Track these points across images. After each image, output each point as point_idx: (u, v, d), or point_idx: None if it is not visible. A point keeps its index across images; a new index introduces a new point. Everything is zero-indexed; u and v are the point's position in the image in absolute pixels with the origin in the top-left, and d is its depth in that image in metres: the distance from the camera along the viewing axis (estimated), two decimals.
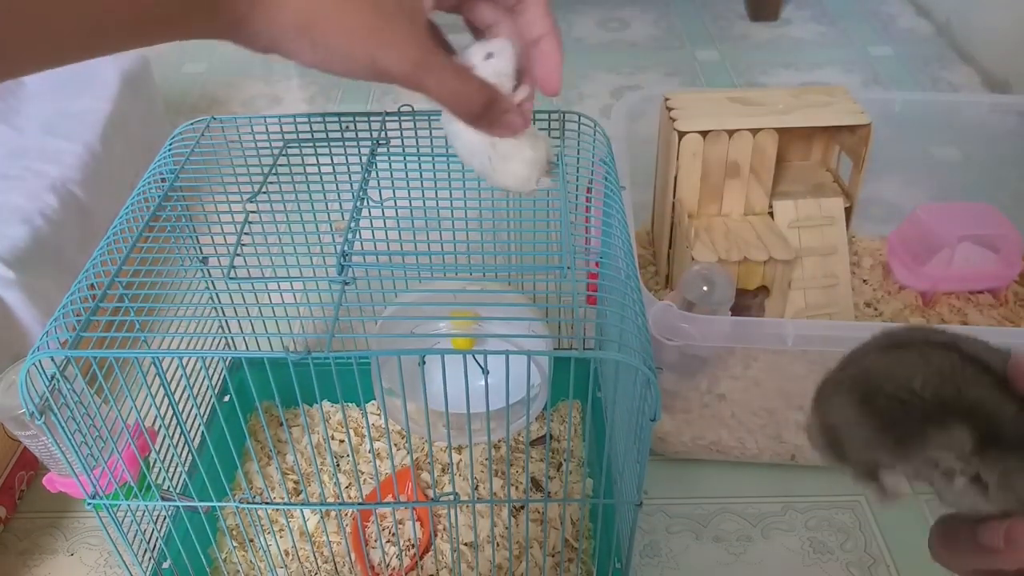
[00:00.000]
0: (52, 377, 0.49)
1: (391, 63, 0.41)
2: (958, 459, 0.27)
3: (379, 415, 0.81)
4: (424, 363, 0.70)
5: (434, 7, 0.43)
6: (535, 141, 0.50)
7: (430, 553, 0.71)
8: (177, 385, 0.55)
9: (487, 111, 0.46)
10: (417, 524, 0.72)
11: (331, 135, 0.63)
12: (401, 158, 0.62)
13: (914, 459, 0.27)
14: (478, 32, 0.48)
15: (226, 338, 0.75)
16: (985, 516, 0.28)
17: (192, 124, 0.63)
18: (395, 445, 0.80)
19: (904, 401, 0.27)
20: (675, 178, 0.85)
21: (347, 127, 0.63)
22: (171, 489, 0.61)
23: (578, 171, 0.62)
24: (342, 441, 0.80)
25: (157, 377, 0.51)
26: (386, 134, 0.62)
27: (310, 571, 0.70)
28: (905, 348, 0.28)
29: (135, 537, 0.59)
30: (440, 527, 0.73)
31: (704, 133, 0.82)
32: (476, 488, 0.75)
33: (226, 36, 0.39)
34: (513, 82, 0.48)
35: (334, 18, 0.39)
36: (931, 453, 0.27)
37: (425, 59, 0.42)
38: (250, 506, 0.60)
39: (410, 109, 0.63)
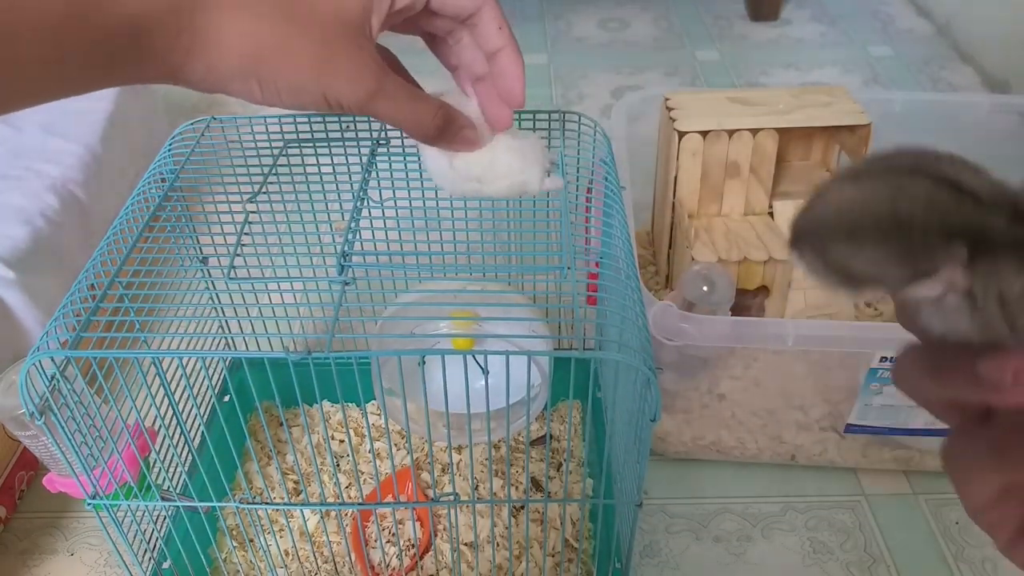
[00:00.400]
0: (52, 377, 0.49)
1: (343, 94, 0.40)
2: (953, 273, 0.26)
3: (379, 415, 0.81)
4: (424, 363, 0.71)
5: (381, 29, 0.42)
6: (519, 148, 0.49)
7: (430, 553, 0.71)
8: (177, 385, 0.55)
9: (444, 130, 0.45)
10: (417, 524, 0.72)
11: (331, 135, 0.63)
12: (401, 158, 0.62)
13: (906, 276, 0.26)
14: (436, 41, 0.47)
15: (226, 338, 0.75)
16: (969, 344, 0.27)
17: (192, 124, 0.63)
18: (395, 445, 0.80)
19: (893, 231, 0.26)
20: (675, 178, 0.85)
21: (347, 127, 0.64)
22: (171, 489, 0.61)
23: (578, 171, 0.62)
24: (342, 441, 0.80)
25: (157, 377, 0.51)
26: (386, 134, 0.62)
27: (310, 571, 0.70)
28: (873, 178, 0.27)
29: (135, 537, 0.59)
30: (440, 527, 0.73)
31: (704, 133, 0.82)
32: (476, 488, 0.75)
33: (165, 82, 0.39)
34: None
35: (280, 56, 0.38)
36: (924, 266, 0.26)
37: (378, 86, 0.41)
38: (250, 506, 0.60)
39: None
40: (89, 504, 0.56)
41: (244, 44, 0.38)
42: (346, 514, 0.73)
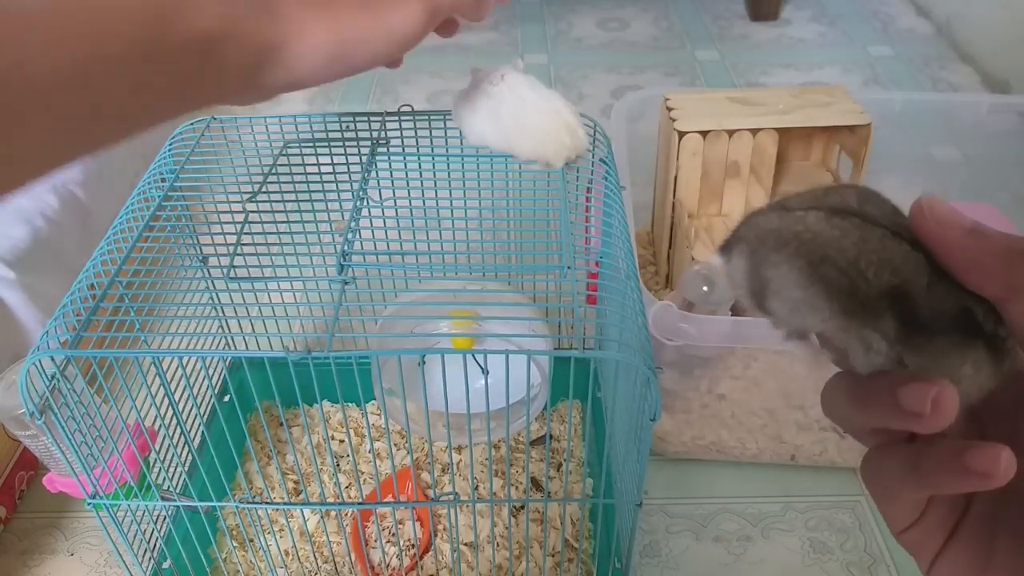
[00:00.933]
0: (52, 377, 0.49)
1: (409, 36, 0.43)
2: (886, 343, 0.27)
3: (379, 415, 0.81)
4: (424, 363, 0.71)
5: None
6: (552, 108, 0.53)
7: (430, 553, 0.71)
8: (177, 385, 0.55)
9: None
10: (417, 524, 0.72)
11: (331, 135, 0.63)
12: (401, 158, 0.62)
13: (846, 333, 0.27)
14: None
15: (226, 338, 0.75)
16: (888, 372, 0.28)
17: (192, 124, 0.63)
18: (395, 445, 0.80)
19: (852, 280, 0.26)
20: (675, 178, 0.85)
21: (347, 127, 0.64)
22: (171, 489, 0.61)
23: (578, 171, 0.62)
24: (342, 441, 0.80)
25: (157, 377, 0.51)
26: (386, 134, 0.62)
27: (310, 571, 0.70)
28: (840, 216, 0.27)
29: (135, 537, 0.59)
30: (440, 527, 0.73)
31: (704, 133, 0.82)
32: (476, 488, 0.75)
33: (236, 95, 0.40)
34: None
35: (357, 36, 0.41)
36: (864, 333, 0.27)
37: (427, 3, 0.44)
38: (250, 506, 0.60)
39: (410, 109, 0.63)
40: (89, 504, 0.56)
41: (328, 45, 0.40)
42: (346, 514, 0.73)
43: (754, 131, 0.82)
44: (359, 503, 0.62)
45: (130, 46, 0.33)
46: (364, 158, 0.60)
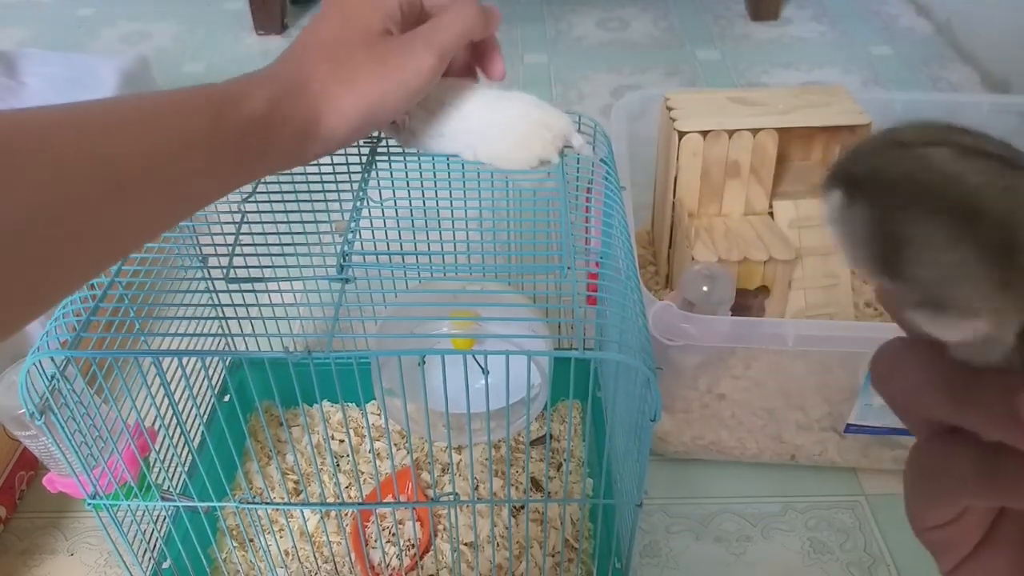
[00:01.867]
0: (52, 377, 0.49)
1: (422, 85, 0.48)
2: None
3: (379, 415, 0.81)
4: (424, 363, 0.71)
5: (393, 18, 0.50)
6: (517, 115, 0.54)
7: (430, 553, 0.71)
8: (177, 385, 0.55)
9: (488, 12, 0.52)
10: (417, 524, 0.72)
11: None
12: (401, 158, 0.62)
13: (997, 313, 0.21)
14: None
15: (226, 338, 0.75)
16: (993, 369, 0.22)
17: None
18: (395, 445, 0.80)
19: (1013, 240, 0.20)
20: (675, 178, 0.85)
21: None
22: (171, 489, 0.61)
23: (578, 171, 0.62)
24: (342, 441, 0.80)
25: (157, 377, 0.51)
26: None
27: (310, 571, 0.70)
28: (976, 156, 0.22)
29: (135, 537, 0.59)
30: (440, 527, 0.73)
31: (704, 133, 0.82)
32: (476, 488, 0.75)
33: (287, 165, 0.48)
34: None
35: (380, 102, 0.47)
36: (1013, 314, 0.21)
37: (429, 45, 0.48)
38: (250, 506, 0.60)
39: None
40: (89, 504, 0.56)
41: (357, 110, 0.46)
42: (346, 514, 0.73)
43: (754, 131, 0.82)
44: (359, 503, 0.62)
45: (197, 134, 0.40)
46: (364, 158, 0.60)
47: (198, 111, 0.41)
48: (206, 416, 0.71)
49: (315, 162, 0.64)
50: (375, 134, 0.62)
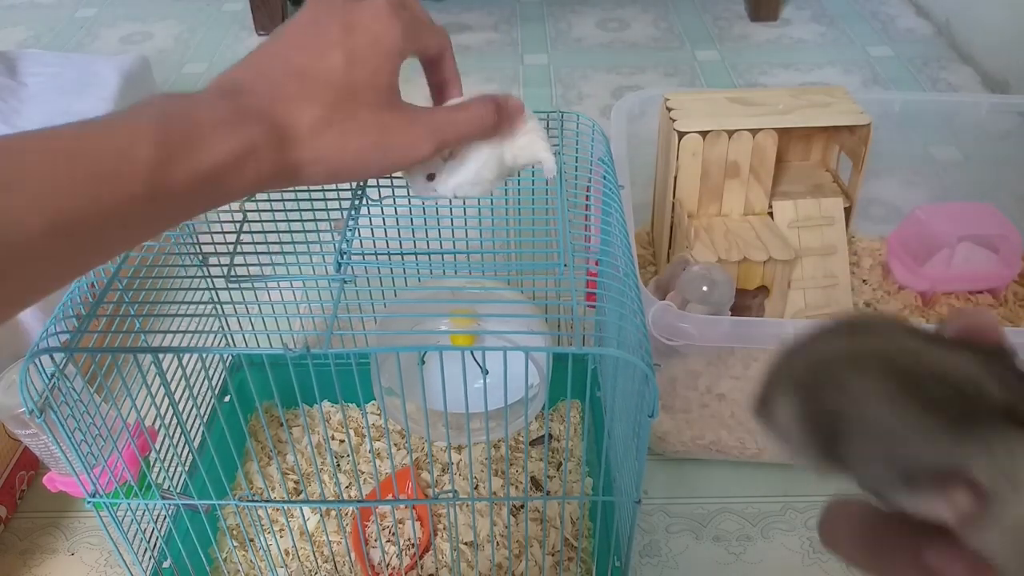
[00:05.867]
0: (52, 376, 0.49)
1: (417, 156, 0.45)
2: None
3: (379, 415, 0.81)
4: (423, 362, 0.71)
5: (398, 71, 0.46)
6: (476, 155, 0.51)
7: (430, 552, 0.71)
8: (177, 385, 0.55)
9: (502, 111, 0.49)
10: (417, 523, 0.72)
11: None
12: None
13: (970, 460, 0.21)
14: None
15: (225, 337, 0.75)
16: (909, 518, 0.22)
17: None
18: (395, 445, 0.80)
19: (965, 393, 0.21)
20: (675, 178, 0.85)
21: None
22: (171, 488, 0.61)
23: (577, 171, 0.62)
24: (342, 441, 0.80)
25: (157, 376, 0.51)
26: None
27: (310, 570, 0.70)
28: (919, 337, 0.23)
29: (135, 536, 0.59)
30: (440, 526, 0.73)
31: (704, 133, 0.82)
32: (476, 487, 0.75)
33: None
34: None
35: (360, 163, 0.44)
36: (999, 454, 0.21)
37: (433, 137, 0.45)
38: (250, 504, 0.60)
39: None
40: (89, 503, 0.56)
41: (342, 168, 0.43)
42: (346, 513, 0.74)
43: (754, 131, 0.82)
44: (359, 501, 0.62)
45: (130, 195, 0.33)
46: None
47: (133, 166, 0.33)
48: (206, 416, 0.71)
49: None
50: None
